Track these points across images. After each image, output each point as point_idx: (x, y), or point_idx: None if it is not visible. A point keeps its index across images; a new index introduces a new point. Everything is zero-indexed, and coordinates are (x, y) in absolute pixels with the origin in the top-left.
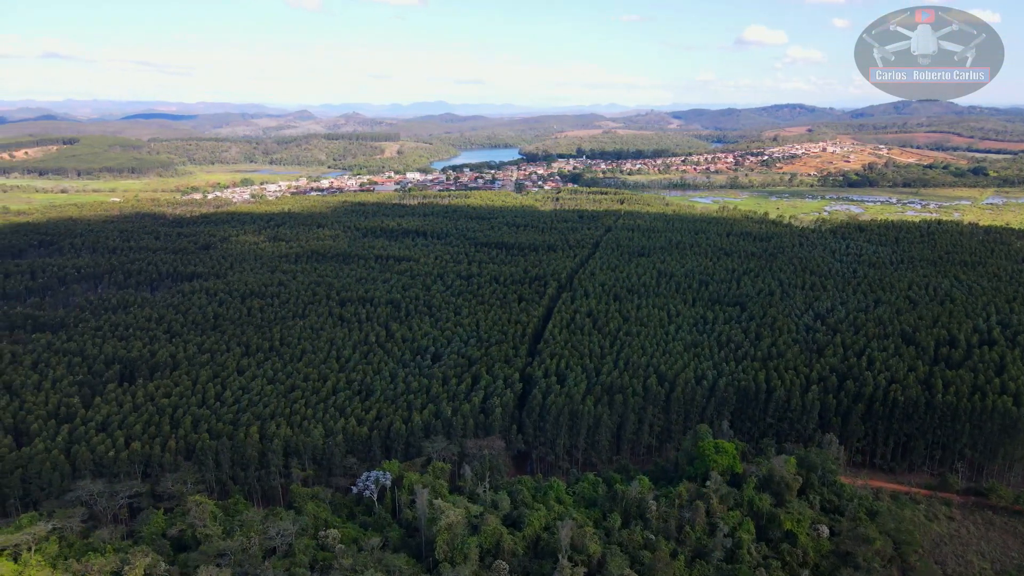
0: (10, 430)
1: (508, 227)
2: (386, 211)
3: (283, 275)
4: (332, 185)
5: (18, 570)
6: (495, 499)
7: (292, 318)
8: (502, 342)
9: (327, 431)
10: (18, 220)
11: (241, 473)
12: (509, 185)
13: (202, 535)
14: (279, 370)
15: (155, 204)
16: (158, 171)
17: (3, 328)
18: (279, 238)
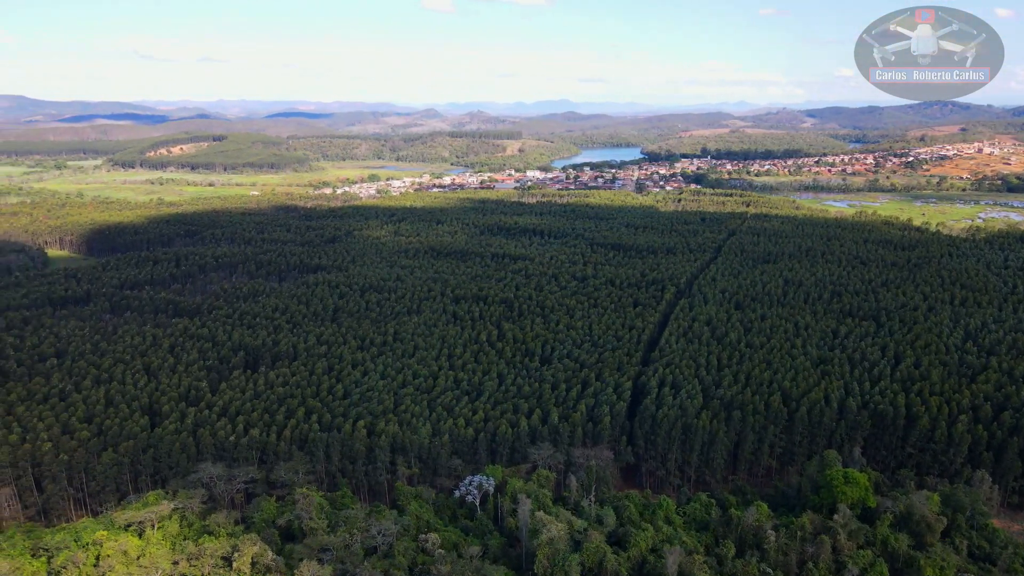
0: (146, 410)
1: (626, 228)
2: (504, 209)
3: (401, 270)
4: (454, 182)
5: (141, 546)
6: (600, 514)
7: (407, 313)
8: (615, 348)
9: (434, 430)
10: (169, 212)
11: (349, 466)
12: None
13: (308, 527)
14: (389, 365)
15: (289, 198)
16: (294, 166)
17: (148, 312)
18: (399, 233)
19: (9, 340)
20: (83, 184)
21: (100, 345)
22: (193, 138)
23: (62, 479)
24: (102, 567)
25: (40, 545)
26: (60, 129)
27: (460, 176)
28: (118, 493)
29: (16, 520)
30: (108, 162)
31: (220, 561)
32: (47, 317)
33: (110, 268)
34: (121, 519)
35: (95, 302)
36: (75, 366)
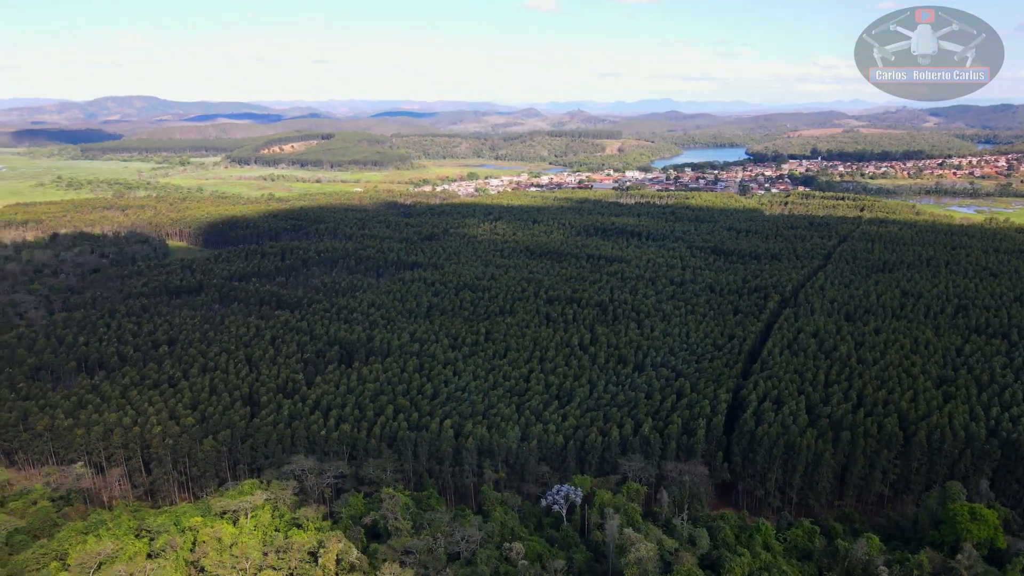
0: (246, 400)
1: (728, 231)
2: (601, 209)
3: (496, 269)
4: (551, 181)
5: (235, 534)
6: (693, 534)
7: (500, 313)
8: (713, 357)
9: (523, 435)
10: (278, 207)
11: (437, 467)
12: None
13: (393, 528)
14: (480, 366)
15: (390, 195)
16: (396, 164)
17: (253, 303)
18: (495, 232)
19: (128, 326)
20: (203, 179)
21: (208, 334)
22: (303, 136)
23: (167, 462)
24: (197, 553)
25: (143, 526)
26: (186, 128)
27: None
28: (217, 479)
29: (125, 499)
30: (226, 158)
31: (307, 556)
32: (163, 305)
33: (221, 260)
34: (217, 506)
35: (206, 292)
36: (185, 354)
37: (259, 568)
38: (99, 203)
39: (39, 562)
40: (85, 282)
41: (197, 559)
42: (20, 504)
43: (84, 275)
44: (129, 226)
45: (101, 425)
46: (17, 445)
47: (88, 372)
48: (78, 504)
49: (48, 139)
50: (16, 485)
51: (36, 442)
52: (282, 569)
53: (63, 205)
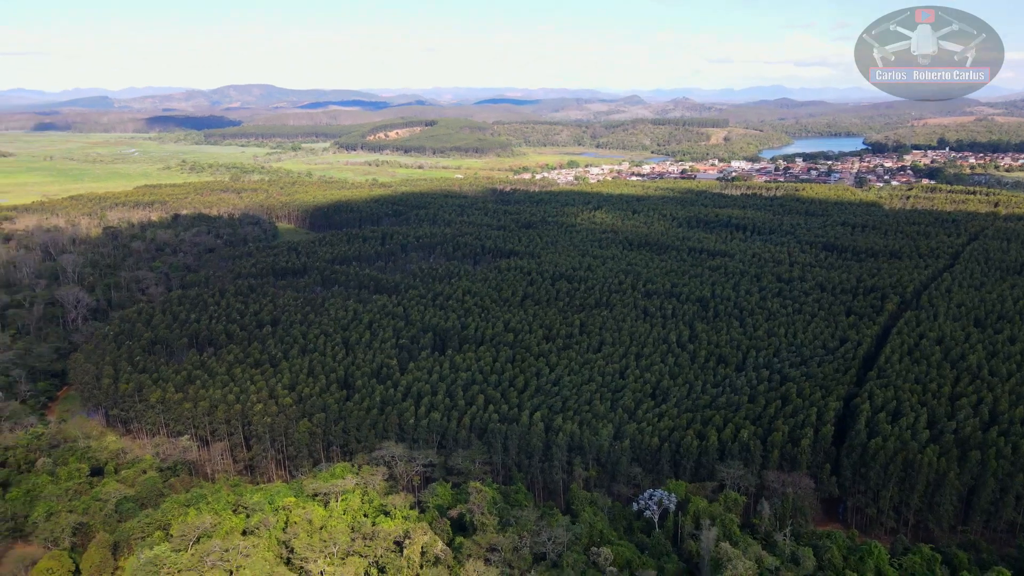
0: (342, 383)
1: (842, 227)
2: (704, 200)
3: (593, 260)
4: (653, 171)
5: (324, 517)
6: (796, 553)
7: (596, 306)
8: (822, 361)
9: (615, 433)
10: (381, 192)
11: (526, 461)
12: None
13: (479, 523)
14: (574, 359)
15: (489, 182)
16: (497, 151)
17: (353, 287)
18: (594, 222)
19: (236, 305)
20: (312, 164)
21: (309, 316)
22: (408, 123)
23: (266, 440)
24: (289, 533)
25: (240, 503)
26: (298, 114)
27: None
28: (311, 459)
29: (227, 473)
30: (335, 144)
31: (392, 545)
32: (269, 286)
33: (325, 243)
34: (310, 488)
35: (309, 275)
36: (286, 334)
37: (346, 554)
38: (217, 186)
39: (144, 531)
40: (200, 261)
41: (288, 539)
42: (131, 473)
43: (200, 254)
44: (243, 208)
45: (207, 401)
46: (133, 415)
47: (198, 348)
48: (184, 475)
49: (176, 125)
50: (129, 454)
51: (149, 413)
52: (368, 556)
53: (185, 187)
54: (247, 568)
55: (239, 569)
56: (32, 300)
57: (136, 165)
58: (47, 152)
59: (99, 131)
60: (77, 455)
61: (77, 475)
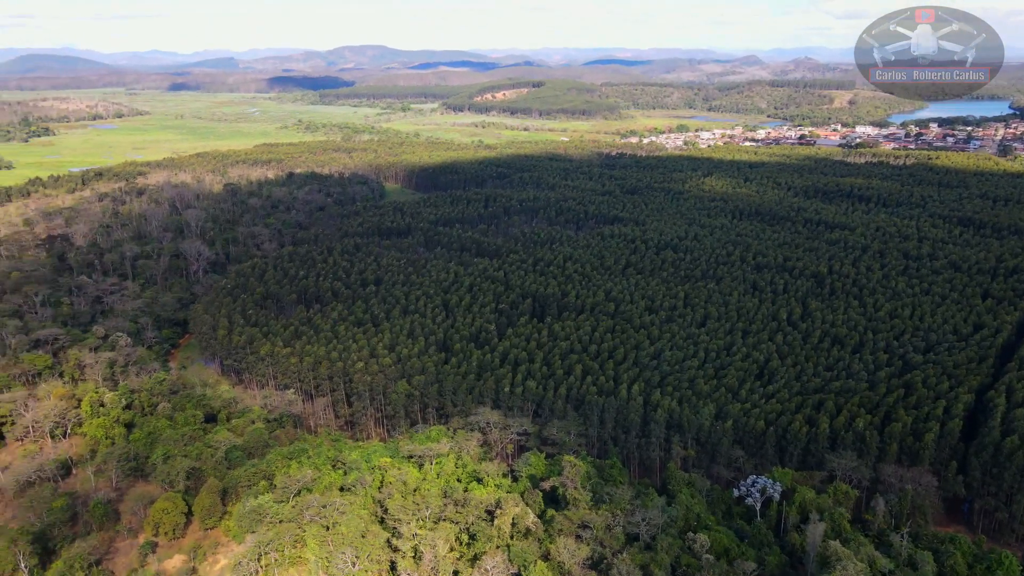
0: (440, 346)
1: (981, 199)
2: (824, 168)
3: (700, 229)
4: (768, 136)
5: (418, 479)
6: (913, 556)
7: (702, 278)
8: (952, 348)
9: (717, 413)
10: (486, 154)
11: (622, 436)
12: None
13: (571, 497)
14: (676, 333)
15: (595, 145)
16: (604, 114)
17: (455, 249)
18: (702, 189)
19: (342, 264)
20: (420, 125)
21: (411, 277)
22: (515, 84)
23: (366, 398)
24: (384, 493)
25: (339, 459)
26: (409, 75)
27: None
28: (408, 420)
29: (328, 427)
30: (442, 105)
31: (484, 514)
32: (374, 246)
33: (429, 204)
34: (405, 448)
35: (413, 235)
36: (388, 295)
37: (438, 518)
38: (329, 145)
39: (250, 480)
40: (311, 219)
41: (383, 499)
42: (241, 422)
43: (311, 212)
44: (353, 167)
45: (312, 356)
46: (244, 366)
47: (306, 304)
48: (288, 428)
49: (295, 85)
50: (240, 404)
51: (259, 365)
52: (459, 523)
53: (300, 146)
54: (343, 525)
55: (335, 525)
56: (159, 252)
57: (256, 124)
58: (178, 111)
59: (225, 91)
60: (193, 402)
61: (192, 421)
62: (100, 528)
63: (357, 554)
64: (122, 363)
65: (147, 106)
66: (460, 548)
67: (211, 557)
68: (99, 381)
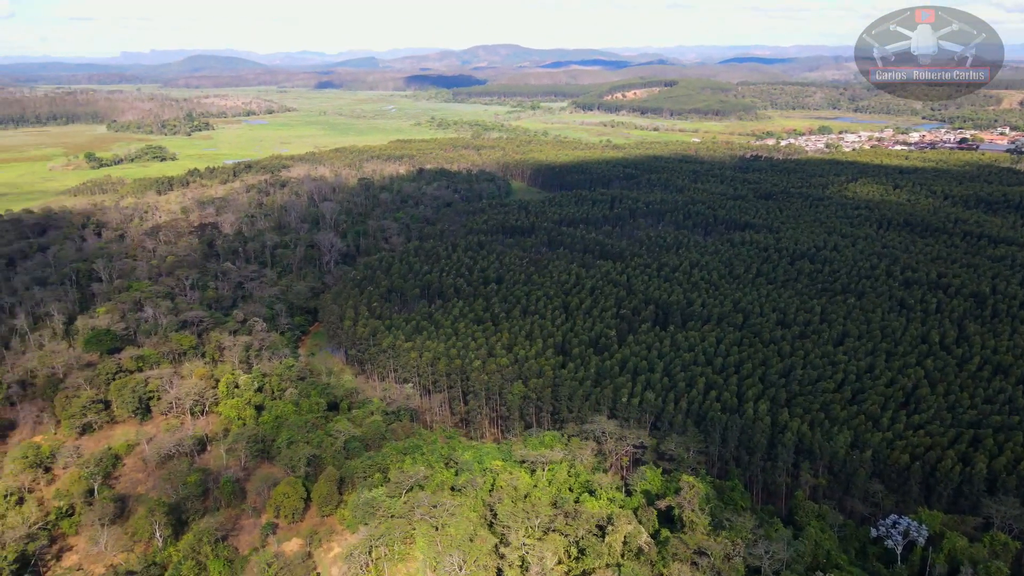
0: (558, 349)
1: None
2: (989, 176)
3: (840, 239)
4: (923, 139)
5: (529, 485)
6: None
7: (841, 292)
8: None
9: (853, 441)
10: (613, 155)
11: (746, 457)
12: None
13: (688, 519)
14: (810, 351)
15: (728, 147)
16: (739, 114)
17: (577, 250)
18: (845, 195)
19: (465, 260)
20: (549, 123)
21: (532, 277)
22: (646, 83)
23: (481, 397)
24: (494, 496)
25: (452, 457)
26: (539, 74)
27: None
28: (522, 422)
29: (444, 423)
30: (572, 104)
31: (594, 528)
32: (497, 244)
33: (554, 204)
34: (518, 452)
35: (536, 234)
36: (509, 294)
37: (547, 528)
38: (459, 142)
39: (366, 471)
40: (438, 214)
41: (493, 503)
42: (360, 413)
43: (438, 208)
44: (480, 164)
45: (431, 352)
46: (367, 357)
47: (428, 299)
48: (405, 421)
49: (430, 84)
50: (361, 394)
51: (381, 357)
52: (569, 536)
53: (431, 143)
54: (452, 527)
55: (444, 526)
56: (296, 242)
57: (392, 121)
58: (322, 108)
59: (365, 89)
60: (318, 390)
61: (316, 409)
62: (228, 505)
63: (464, 558)
64: (257, 347)
65: (295, 103)
66: (568, 562)
67: (326, 544)
68: (235, 363)
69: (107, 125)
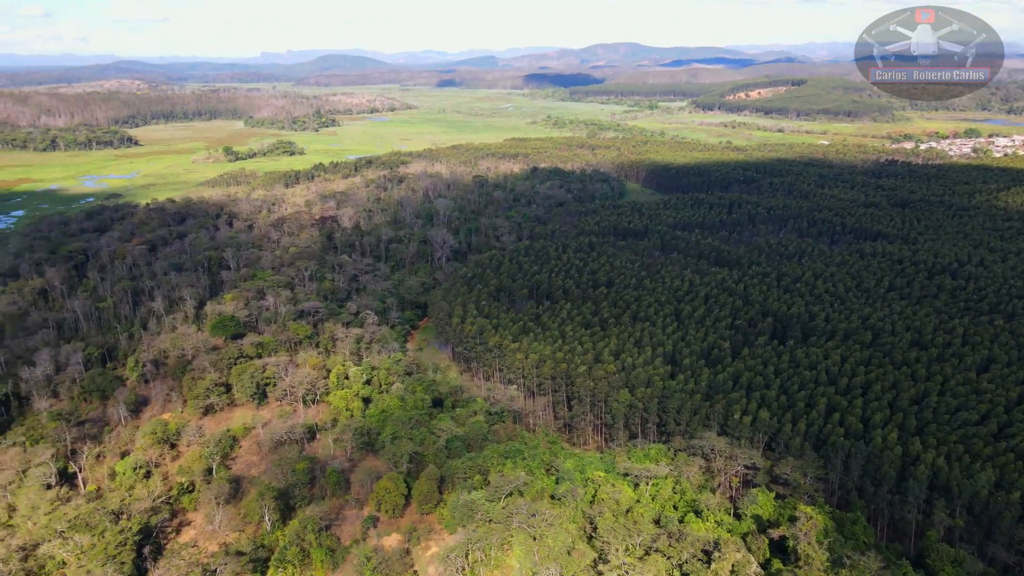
0: (668, 359)
1: None
2: None
3: (988, 252)
4: None
5: (632, 500)
6: None
7: (987, 312)
8: None
9: (998, 480)
10: (733, 157)
11: (871, 488)
12: None
13: (803, 553)
14: (949, 376)
15: (860, 151)
16: (873, 115)
17: (692, 256)
18: (994, 205)
19: (575, 262)
20: (666, 123)
21: (644, 282)
22: (772, 82)
23: (586, 404)
24: (594, 509)
25: (554, 464)
26: (659, 72)
27: None
28: (627, 432)
29: (547, 427)
30: (691, 103)
31: (699, 553)
32: (609, 246)
33: (669, 206)
34: (622, 464)
35: (649, 238)
36: (619, 298)
37: (648, 548)
38: (574, 141)
39: (466, 472)
40: (550, 214)
41: (593, 516)
42: (463, 412)
43: (551, 207)
44: (594, 164)
45: (537, 354)
46: (473, 355)
47: (536, 300)
48: (508, 423)
49: (548, 82)
50: (465, 393)
51: (487, 356)
52: (671, 558)
53: (546, 142)
54: (550, 538)
55: (542, 536)
56: (410, 237)
57: (508, 119)
58: (441, 105)
59: (483, 87)
60: (424, 386)
61: (421, 405)
62: (332, 495)
63: (562, 571)
64: (367, 340)
65: (416, 101)
66: None
67: (424, 542)
68: (346, 355)
69: (244, 121)
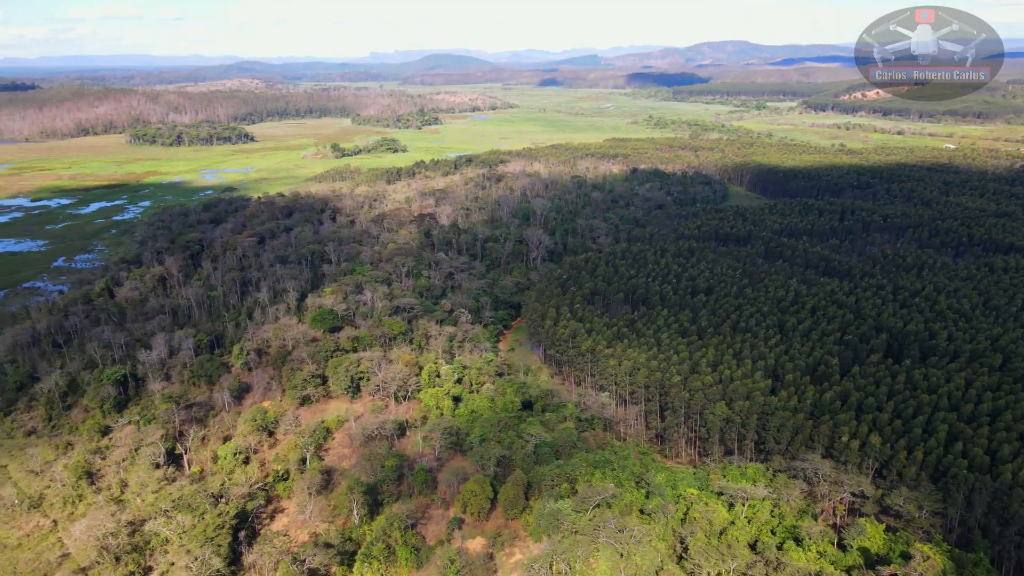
0: (769, 372)
1: None
2: None
3: None
4: None
5: (726, 521)
6: None
7: None
8: None
9: None
10: (846, 160)
11: (996, 528)
12: None
13: None
14: None
15: (992, 155)
16: (1008, 117)
17: (798, 265)
18: None
19: (674, 267)
20: (774, 124)
21: (745, 290)
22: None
23: (680, 415)
24: (686, 528)
25: (644, 477)
26: (768, 71)
27: None
28: (722, 447)
29: (638, 437)
30: (802, 104)
31: None
32: (709, 251)
33: (775, 211)
34: (716, 482)
35: (752, 244)
36: (719, 307)
37: (742, 574)
38: (676, 142)
39: (554, 480)
40: (648, 216)
41: (684, 535)
42: (553, 417)
43: (649, 210)
44: (697, 166)
45: (631, 361)
46: (565, 359)
47: (631, 305)
48: (598, 431)
49: (651, 82)
50: (555, 397)
51: (579, 360)
52: None
53: (647, 143)
54: (638, 555)
55: (629, 554)
56: (506, 236)
57: (609, 119)
58: (542, 105)
59: (585, 87)
60: (514, 388)
61: (510, 407)
62: (419, 493)
63: None
64: (460, 338)
65: (517, 100)
66: None
67: (508, 548)
68: (439, 352)
69: (352, 119)
